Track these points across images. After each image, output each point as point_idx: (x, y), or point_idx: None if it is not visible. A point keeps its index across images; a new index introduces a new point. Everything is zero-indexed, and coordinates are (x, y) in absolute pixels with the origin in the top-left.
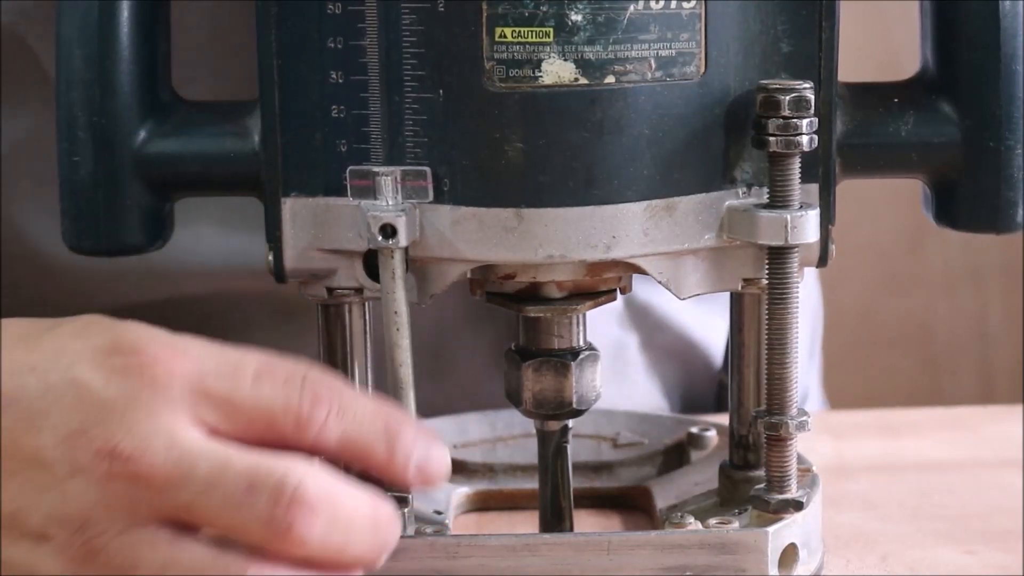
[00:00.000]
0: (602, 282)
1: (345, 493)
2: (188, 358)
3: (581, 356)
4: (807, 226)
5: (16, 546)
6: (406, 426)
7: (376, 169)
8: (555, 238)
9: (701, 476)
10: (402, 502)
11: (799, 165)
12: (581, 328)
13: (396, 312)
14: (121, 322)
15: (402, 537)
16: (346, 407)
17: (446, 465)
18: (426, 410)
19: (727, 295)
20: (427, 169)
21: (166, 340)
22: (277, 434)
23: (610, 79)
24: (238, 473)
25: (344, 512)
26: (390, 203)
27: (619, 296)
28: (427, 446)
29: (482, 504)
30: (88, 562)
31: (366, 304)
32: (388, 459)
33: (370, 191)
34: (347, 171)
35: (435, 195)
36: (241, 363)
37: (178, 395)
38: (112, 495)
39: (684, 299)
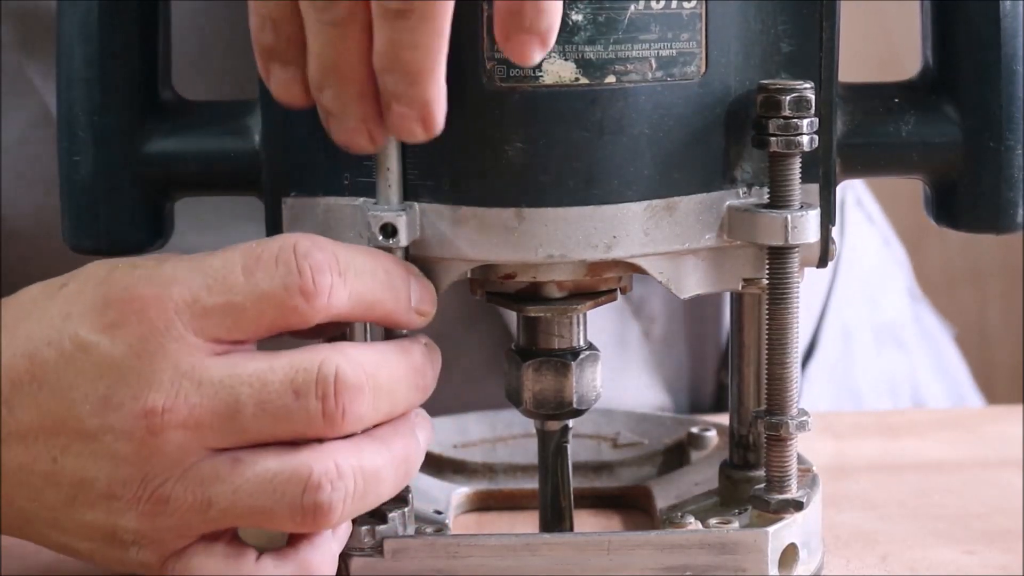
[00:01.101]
0: (602, 282)
1: (381, 358)
2: (175, 286)
3: (581, 356)
4: (807, 226)
5: (92, 511)
6: (400, 269)
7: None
8: (555, 238)
9: (701, 476)
10: (401, 502)
11: (799, 165)
12: (581, 328)
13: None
14: (110, 267)
15: (402, 537)
16: (345, 267)
17: (435, 300)
18: (426, 410)
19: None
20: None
21: (150, 276)
22: (291, 317)
23: (611, 79)
24: (279, 384)
25: (385, 377)
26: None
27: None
28: (418, 284)
29: (482, 504)
30: (160, 512)
31: None
32: (394, 307)
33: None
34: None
35: (435, 195)
36: (227, 265)
37: (181, 327)
38: (161, 447)
39: (684, 299)
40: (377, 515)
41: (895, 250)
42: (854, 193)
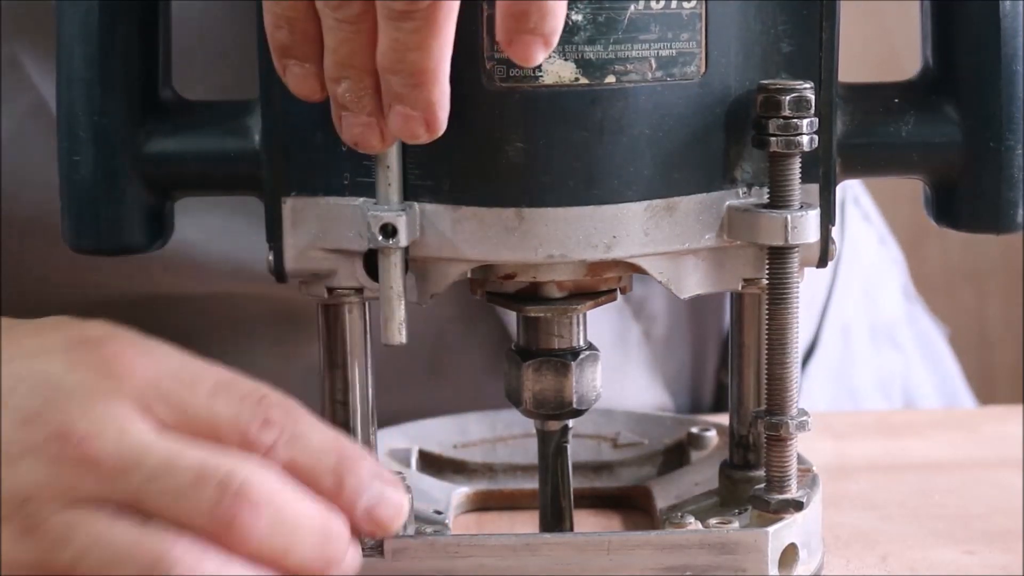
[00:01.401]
0: (602, 282)
1: (295, 499)
2: (150, 358)
3: (581, 356)
4: (807, 226)
5: None
6: (361, 464)
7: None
8: (555, 238)
9: (701, 476)
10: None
11: (799, 165)
12: (581, 328)
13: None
14: (90, 321)
15: (402, 537)
16: (299, 435)
17: (400, 510)
18: (425, 410)
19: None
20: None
21: (131, 339)
22: (225, 444)
23: (610, 79)
24: (187, 465)
25: (290, 516)
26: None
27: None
28: (382, 489)
29: (482, 504)
30: (26, 536)
31: (366, 304)
32: (335, 494)
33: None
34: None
35: (435, 195)
36: (201, 373)
37: (135, 390)
38: (59, 476)
39: (685, 299)
40: None
41: (891, 249)
42: (851, 192)
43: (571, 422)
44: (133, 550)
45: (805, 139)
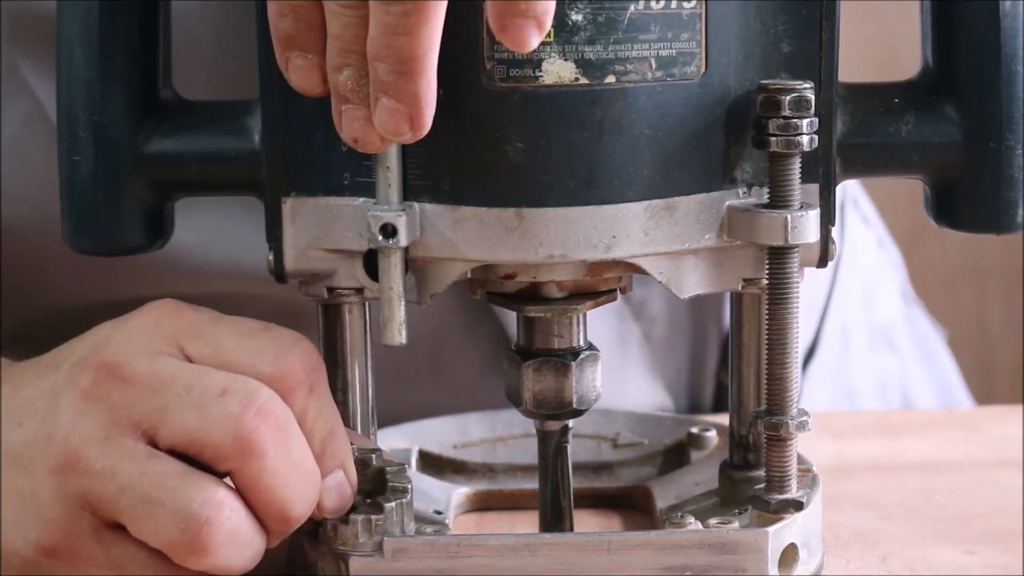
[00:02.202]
0: (602, 282)
1: (301, 441)
2: (192, 310)
3: (581, 356)
4: (807, 226)
5: (23, 476)
6: (339, 446)
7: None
8: (555, 238)
9: (701, 476)
10: (400, 493)
11: (799, 165)
12: (581, 328)
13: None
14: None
15: (402, 537)
16: (318, 392)
17: (342, 508)
18: (425, 410)
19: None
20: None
21: (178, 301)
22: (255, 376)
23: (610, 79)
24: (214, 380)
25: (296, 451)
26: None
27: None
28: (341, 482)
29: (482, 504)
30: (71, 470)
31: (366, 304)
32: (316, 458)
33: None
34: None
35: (435, 195)
36: (240, 320)
37: (172, 331)
38: (94, 402)
39: (685, 300)
40: (374, 506)
41: (890, 251)
42: (850, 194)
43: (571, 422)
44: (177, 484)
45: (805, 139)
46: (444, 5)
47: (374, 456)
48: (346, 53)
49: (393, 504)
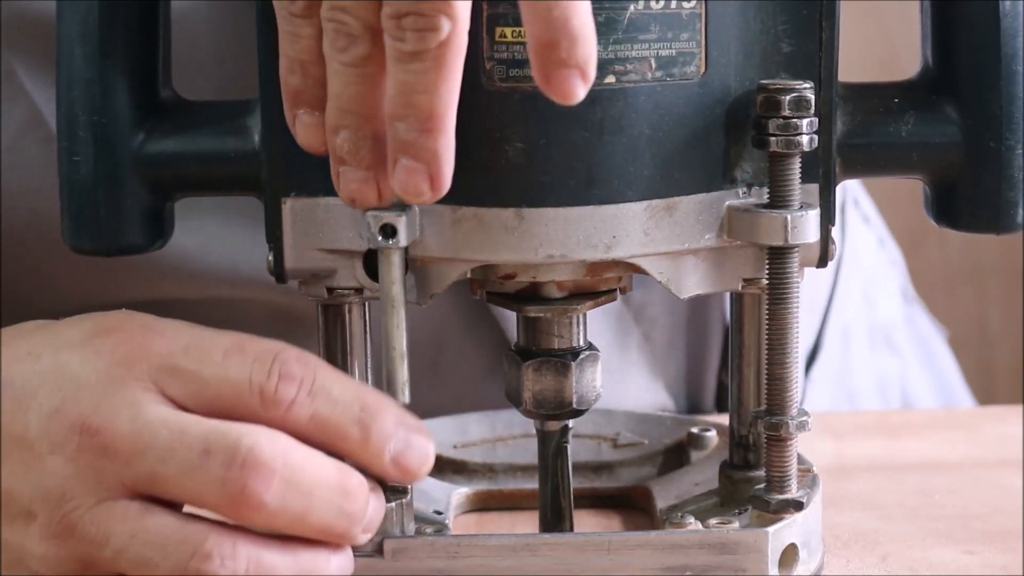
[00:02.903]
0: (602, 282)
1: (306, 458)
2: (162, 337)
3: (581, 356)
4: (807, 226)
5: (10, 527)
6: (386, 412)
7: None
8: (555, 238)
9: (701, 476)
10: (401, 493)
11: (799, 165)
12: (581, 328)
13: (393, 294)
14: (111, 312)
15: (402, 537)
16: (320, 387)
17: (427, 457)
18: (425, 412)
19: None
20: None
21: (144, 322)
22: (244, 411)
23: (610, 79)
24: (194, 438)
25: (305, 476)
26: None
27: (618, 295)
28: (408, 435)
29: (482, 504)
30: (66, 537)
31: (366, 304)
32: (362, 444)
33: None
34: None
35: None
36: (214, 341)
37: (147, 371)
38: (83, 468)
39: (684, 298)
40: None
41: (890, 250)
42: (850, 193)
43: (571, 422)
44: (169, 543)
45: (805, 139)
46: (462, 60)
47: None
48: (344, 113)
49: (393, 504)
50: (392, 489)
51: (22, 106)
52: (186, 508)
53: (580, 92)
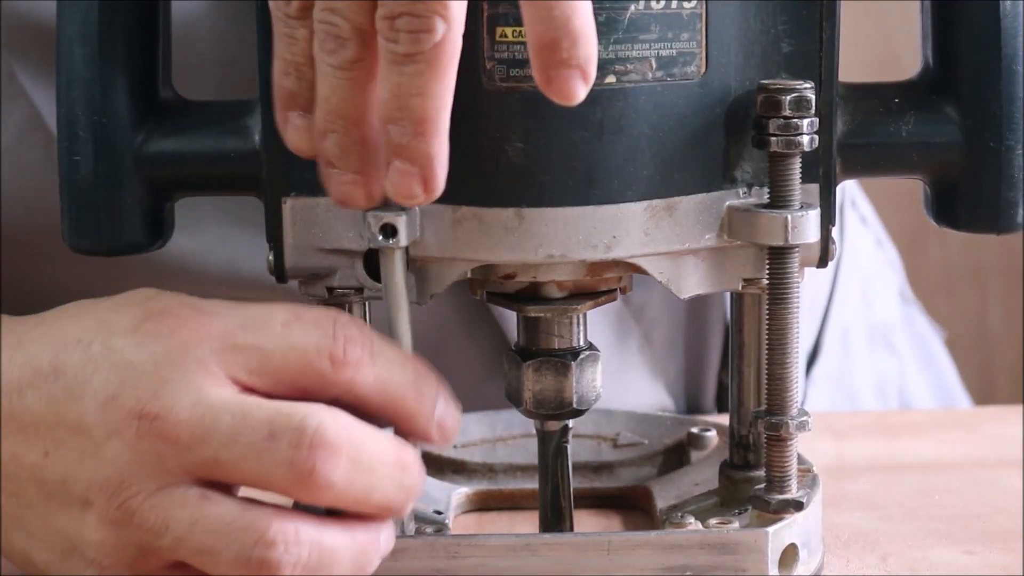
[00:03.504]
0: (602, 282)
1: (368, 435)
2: (216, 317)
3: (581, 356)
4: (807, 226)
5: (65, 514)
6: (431, 378)
7: None
8: (555, 238)
9: (701, 476)
10: None
11: (799, 165)
12: (581, 328)
13: (394, 294)
14: (157, 292)
15: (402, 537)
16: (378, 351)
17: (459, 421)
18: None
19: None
20: None
21: (195, 304)
22: (313, 377)
23: (611, 79)
24: (259, 421)
25: (367, 453)
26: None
27: (618, 295)
28: (447, 400)
29: (482, 504)
30: (124, 525)
31: (367, 304)
32: (417, 408)
33: None
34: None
35: None
36: (269, 314)
37: (207, 353)
38: (143, 455)
39: (685, 299)
40: None
41: (888, 251)
42: (848, 194)
43: (571, 422)
44: (230, 530)
45: (805, 139)
46: (456, 62)
47: None
48: (333, 117)
49: None
50: None
51: (22, 107)
52: (241, 491)
53: (581, 92)
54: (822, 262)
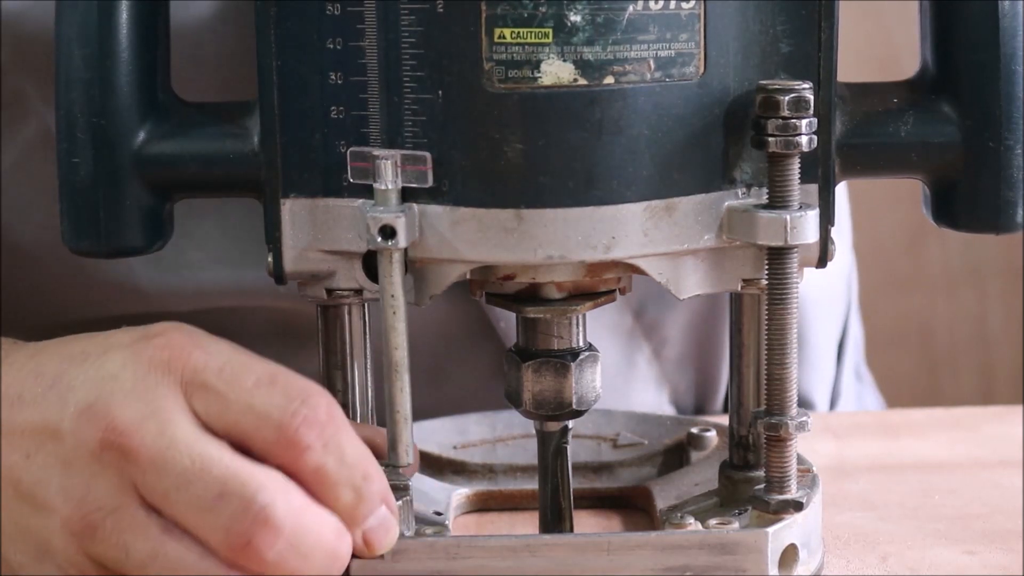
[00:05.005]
0: (601, 283)
1: (313, 523)
2: (203, 351)
3: (581, 357)
4: (807, 226)
5: (36, 518)
6: (378, 486)
7: (376, 152)
8: (554, 239)
9: (701, 476)
10: (402, 491)
11: (798, 165)
12: (581, 329)
13: (392, 295)
14: (165, 322)
15: (402, 538)
16: (336, 444)
17: (392, 541)
18: (426, 412)
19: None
20: (426, 154)
21: (190, 332)
22: (259, 444)
23: (609, 80)
24: (214, 477)
25: (308, 541)
26: (389, 186)
27: (630, 316)
28: (385, 515)
29: (482, 505)
30: (87, 539)
31: (365, 305)
32: (349, 512)
33: (369, 173)
34: (347, 152)
35: (434, 195)
36: (249, 367)
37: (179, 381)
38: (105, 466)
39: (683, 299)
40: None
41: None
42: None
43: (571, 423)
44: (188, 573)
45: (804, 139)
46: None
47: None
48: None
49: (400, 502)
50: (393, 487)
51: (32, 125)
52: None
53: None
54: (821, 262)
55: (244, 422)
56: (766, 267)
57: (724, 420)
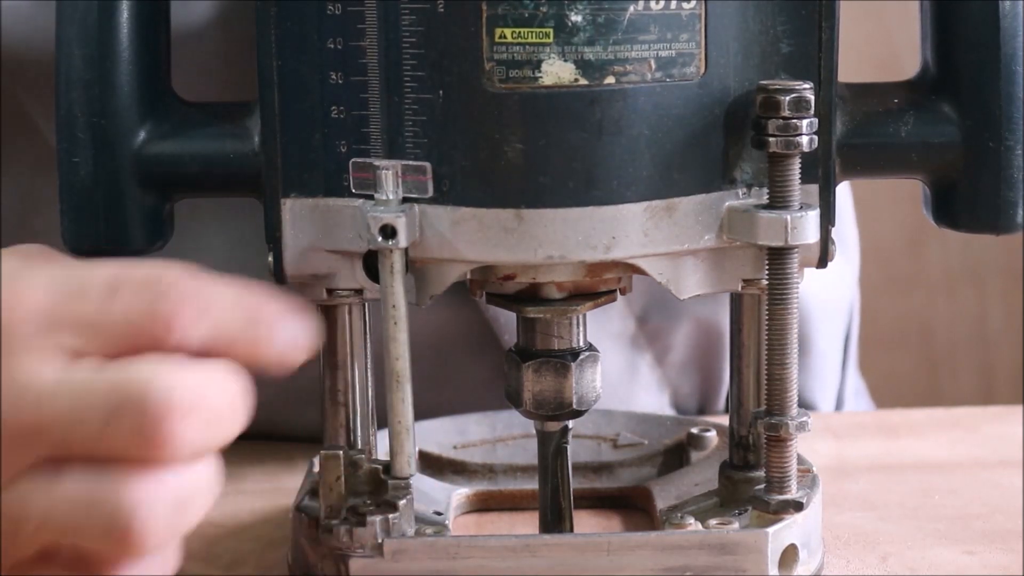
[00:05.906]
0: (602, 283)
1: (220, 385)
2: (35, 291)
3: (581, 357)
4: (807, 227)
5: None
6: (266, 311)
7: (377, 163)
8: (555, 239)
9: (701, 476)
10: (403, 491)
11: (799, 165)
12: (581, 329)
13: (394, 306)
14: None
15: (402, 538)
16: (207, 303)
17: (308, 342)
18: (426, 413)
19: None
20: (427, 164)
21: (14, 276)
22: (145, 341)
23: (610, 80)
24: (98, 400)
25: (215, 403)
26: (390, 196)
27: (633, 323)
28: (291, 327)
29: (482, 505)
30: None
31: (365, 305)
32: (253, 351)
33: (371, 184)
34: (350, 163)
35: (435, 195)
36: (90, 279)
37: (31, 332)
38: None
39: (687, 307)
40: (389, 505)
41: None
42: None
43: (571, 423)
44: (89, 505)
45: (804, 139)
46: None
47: (363, 457)
48: None
49: (404, 500)
50: (394, 487)
51: (36, 146)
52: None
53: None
54: (821, 263)
55: (120, 333)
56: (766, 267)
57: (724, 420)
